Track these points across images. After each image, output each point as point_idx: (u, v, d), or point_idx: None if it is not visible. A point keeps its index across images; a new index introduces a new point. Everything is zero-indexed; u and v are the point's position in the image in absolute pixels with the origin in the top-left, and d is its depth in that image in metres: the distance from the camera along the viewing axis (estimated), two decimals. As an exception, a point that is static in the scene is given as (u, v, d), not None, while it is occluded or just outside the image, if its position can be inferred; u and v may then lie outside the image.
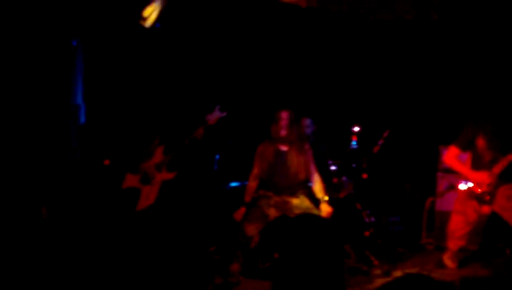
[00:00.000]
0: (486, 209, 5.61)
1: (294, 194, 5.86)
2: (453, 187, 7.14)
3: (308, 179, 6.01)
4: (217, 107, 6.06)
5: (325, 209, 5.78)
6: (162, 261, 5.74)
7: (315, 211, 5.76)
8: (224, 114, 6.05)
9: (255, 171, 6.05)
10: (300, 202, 5.85)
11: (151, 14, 6.47)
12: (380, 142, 6.90)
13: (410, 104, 7.97)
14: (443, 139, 7.32)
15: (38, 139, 6.68)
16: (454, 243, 5.91)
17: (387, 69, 8.04)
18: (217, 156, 6.91)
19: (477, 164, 5.62)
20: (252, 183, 6.04)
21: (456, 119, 7.28)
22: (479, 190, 5.53)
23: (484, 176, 5.50)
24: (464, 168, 5.68)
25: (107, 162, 6.76)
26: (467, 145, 5.68)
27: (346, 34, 7.92)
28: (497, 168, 5.47)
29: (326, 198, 5.86)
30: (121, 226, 6.10)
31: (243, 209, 5.85)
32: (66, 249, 5.90)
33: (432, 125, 7.79)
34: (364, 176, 6.97)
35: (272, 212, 5.84)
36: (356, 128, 6.87)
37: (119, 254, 5.76)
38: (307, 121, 7.12)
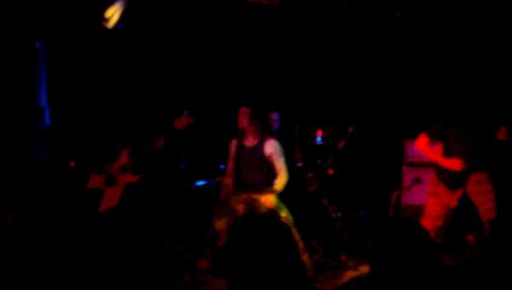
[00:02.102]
0: (459, 192, 5.71)
1: (261, 192, 5.81)
2: (419, 181, 7.23)
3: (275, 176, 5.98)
4: (185, 112, 6.01)
5: (265, 200, 5.70)
6: (129, 262, 5.73)
7: (282, 212, 5.73)
8: (192, 120, 5.99)
9: (228, 167, 6.04)
10: (266, 199, 5.81)
11: (113, 15, 6.44)
12: (345, 137, 6.93)
13: (374, 99, 8.03)
14: (408, 133, 7.40)
15: (1, 143, 6.63)
16: (430, 223, 5.91)
17: (350, 65, 8.09)
18: (183, 156, 6.91)
19: (448, 154, 5.71)
20: (227, 180, 6.03)
21: (421, 113, 7.38)
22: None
23: (457, 163, 5.59)
24: (436, 155, 5.76)
25: (72, 163, 6.73)
26: (438, 135, 5.75)
27: (310, 30, 7.94)
28: (472, 158, 5.57)
29: (276, 189, 5.76)
30: (86, 227, 6.08)
31: None
32: (32, 252, 5.87)
33: (396, 119, 7.86)
34: (330, 171, 7.00)
35: (241, 208, 5.81)
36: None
37: (86, 255, 5.74)
38: (275, 115, 7.13)
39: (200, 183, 6.74)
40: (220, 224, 5.74)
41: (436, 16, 7.12)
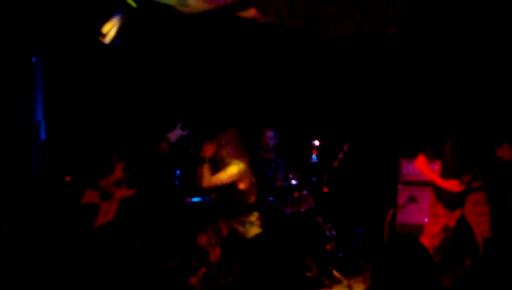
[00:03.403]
0: (457, 212, 5.76)
1: (238, 219, 5.85)
2: (414, 199, 7.23)
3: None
4: (178, 125, 6.01)
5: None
6: (122, 278, 5.72)
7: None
8: (186, 132, 5.99)
9: None
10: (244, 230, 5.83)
11: (110, 30, 6.45)
12: (340, 155, 6.93)
13: (369, 117, 8.03)
14: (403, 152, 7.41)
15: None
16: (427, 242, 5.92)
17: (346, 83, 8.10)
18: (178, 172, 6.89)
19: (447, 174, 5.74)
20: None
21: (416, 131, 7.39)
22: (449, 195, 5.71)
23: (455, 184, 5.63)
24: (434, 176, 5.81)
25: (67, 178, 6.72)
26: (435, 155, 5.80)
27: (306, 48, 7.96)
28: (467, 178, 5.60)
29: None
30: (80, 242, 6.06)
31: None
32: (27, 265, 5.84)
33: (392, 138, 7.86)
34: (325, 189, 6.99)
35: (224, 227, 5.83)
36: (316, 142, 6.89)
37: (79, 270, 5.72)
38: (270, 133, 7.13)
39: (195, 199, 6.72)
40: (203, 239, 5.76)
41: (432, 32, 7.14)
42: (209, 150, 5.74)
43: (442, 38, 7.21)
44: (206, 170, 5.72)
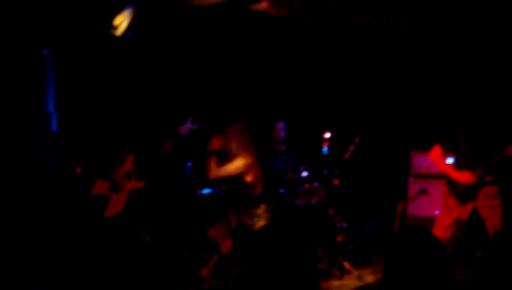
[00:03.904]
0: (469, 206, 5.76)
1: (245, 212, 5.90)
2: (425, 192, 7.23)
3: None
4: (189, 119, 6.05)
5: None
6: (134, 270, 5.74)
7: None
8: (197, 127, 6.04)
9: None
10: (252, 223, 5.86)
11: (121, 23, 6.46)
12: (351, 148, 6.93)
13: (381, 110, 8.01)
14: (414, 145, 7.40)
15: (9, 148, 6.65)
16: (439, 234, 5.92)
17: (357, 75, 8.08)
18: (189, 163, 6.91)
19: (460, 167, 5.76)
20: None
21: (428, 124, 7.38)
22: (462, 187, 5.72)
23: (468, 177, 5.63)
24: (448, 167, 5.82)
25: (78, 170, 6.75)
26: (451, 147, 5.79)
27: (318, 40, 7.95)
28: (480, 171, 5.61)
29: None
30: (92, 234, 6.09)
31: None
32: (38, 257, 5.88)
33: (403, 130, 7.84)
34: (336, 181, 6.99)
35: (233, 219, 5.87)
36: (327, 135, 6.89)
37: (91, 262, 5.75)
38: (281, 125, 7.14)
39: (206, 191, 6.74)
40: (213, 231, 5.82)
41: (445, 25, 7.11)
42: (216, 143, 5.81)
43: (455, 30, 7.19)
44: (213, 162, 5.81)
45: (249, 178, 5.84)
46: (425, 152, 6.19)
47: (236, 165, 5.79)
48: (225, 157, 5.86)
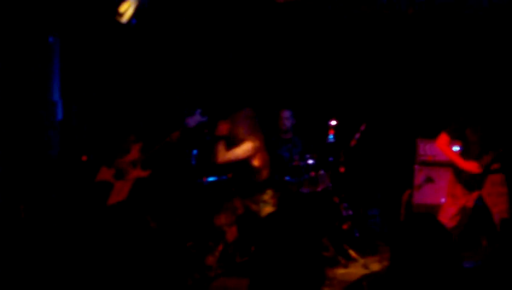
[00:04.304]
0: (475, 194, 5.75)
1: (252, 198, 5.90)
2: (431, 180, 7.21)
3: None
4: (197, 111, 6.03)
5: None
6: (138, 258, 5.74)
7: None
8: (205, 119, 6.02)
9: None
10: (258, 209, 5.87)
11: (127, 10, 6.43)
12: (357, 135, 6.92)
13: (387, 97, 8.00)
14: (420, 132, 7.39)
15: (14, 136, 6.65)
16: (445, 222, 5.92)
17: (364, 62, 8.05)
18: (195, 151, 6.91)
19: (466, 155, 5.74)
20: None
21: (434, 112, 7.36)
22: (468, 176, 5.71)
23: (474, 165, 5.62)
24: (454, 155, 5.80)
25: (84, 158, 6.75)
26: (458, 135, 5.77)
27: (323, 28, 7.91)
28: (486, 160, 5.60)
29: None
30: (97, 221, 6.10)
31: None
32: (44, 246, 5.89)
33: (409, 118, 7.82)
34: (342, 169, 6.99)
35: (240, 206, 5.88)
36: (333, 122, 6.88)
37: (97, 251, 5.76)
38: (287, 113, 7.12)
39: (211, 179, 6.74)
40: (220, 219, 5.83)
41: (451, 12, 7.08)
42: (223, 128, 5.79)
43: (462, 18, 7.16)
44: (221, 146, 5.79)
45: (256, 162, 5.83)
46: (432, 140, 6.18)
47: (244, 148, 5.78)
48: (233, 142, 5.85)
